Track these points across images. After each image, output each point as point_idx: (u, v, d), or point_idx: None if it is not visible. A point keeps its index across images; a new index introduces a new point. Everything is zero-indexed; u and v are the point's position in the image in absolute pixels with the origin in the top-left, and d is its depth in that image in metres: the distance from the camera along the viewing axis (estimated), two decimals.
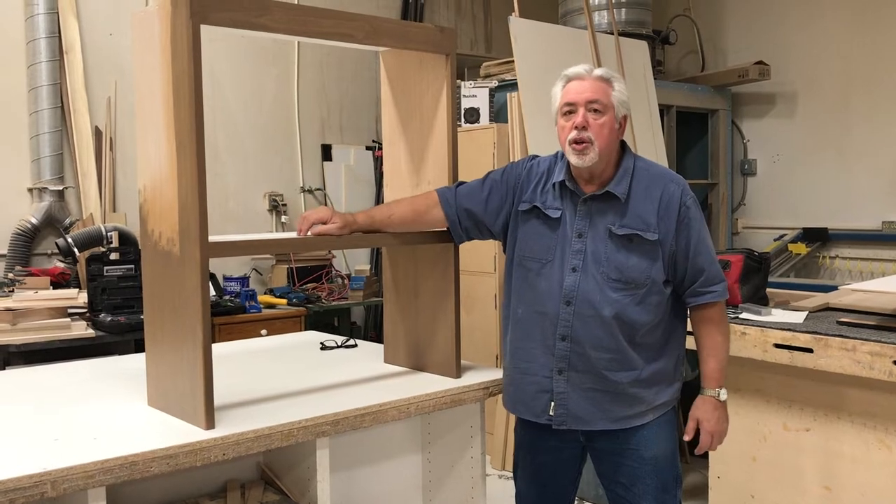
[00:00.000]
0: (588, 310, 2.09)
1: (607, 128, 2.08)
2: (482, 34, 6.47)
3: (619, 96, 2.11)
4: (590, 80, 2.10)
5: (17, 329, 3.49)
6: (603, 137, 2.07)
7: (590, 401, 2.12)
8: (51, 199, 4.34)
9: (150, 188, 2.04)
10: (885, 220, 5.25)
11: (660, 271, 2.10)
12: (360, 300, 5.03)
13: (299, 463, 2.10)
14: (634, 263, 2.09)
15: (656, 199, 2.11)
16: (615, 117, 2.10)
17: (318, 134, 5.55)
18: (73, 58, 4.43)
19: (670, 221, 2.10)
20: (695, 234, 2.12)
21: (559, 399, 2.14)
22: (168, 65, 1.90)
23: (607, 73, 2.13)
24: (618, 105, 2.11)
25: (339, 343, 2.84)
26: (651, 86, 4.92)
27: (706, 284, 2.13)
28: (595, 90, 2.09)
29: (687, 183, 2.19)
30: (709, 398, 2.17)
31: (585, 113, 2.08)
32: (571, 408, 2.13)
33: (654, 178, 2.15)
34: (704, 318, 2.17)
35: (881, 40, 5.27)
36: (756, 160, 5.98)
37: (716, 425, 2.17)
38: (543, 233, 2.18)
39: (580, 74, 2.12)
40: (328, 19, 2.09)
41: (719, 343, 2.17)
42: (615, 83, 2.12)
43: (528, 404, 2.21)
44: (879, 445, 2.65)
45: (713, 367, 2.17)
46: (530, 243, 2.20)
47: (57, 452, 1.68)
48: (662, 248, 2.10)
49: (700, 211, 2.16)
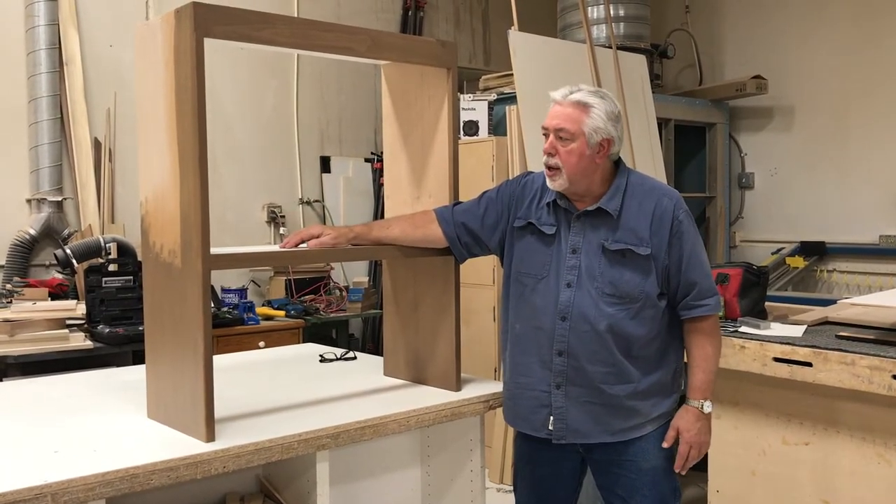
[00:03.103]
0: (583, 325, 2.11)
1: (575, 155, 2.08)
2: (481, 47, 6.50)
3: (594, 122, 2.06)
4: (563, 107, 2.09)
5: (15, 340, 3.48)
6: (570, 165, 2.08)
7: (588, 414, 2.13)
8: (49, 210, 4.33)
9: (151, 200, 2.04)
10: (882, 234, 5.27)
11: (653, 285, 2.11)
12: (359, 312, 5.02)
13: (299, 476, 2.09)
14: (628, 278, 2.10)
15: (649, 214, 2.11)
16: (587, 143, 2.07)
17: (316, 146, 5.56)
18: (74, 69, 4.44)
19: (663, 235, 2.10)
20: (687, 248, 2.12)
21: (557, 413, 2.15)
22: (171, 78, 1.91)
23: (586, 97, 2.08)
24: (590, 132, 2.06)
25: (339, 355, 2.83)
26: (649, 99, 4.95)
27: (698, 298, 2.13)
28: (564, 118, 2.08)
29: (681, 196, 2.18)
30: (692, 409, 2.16)
31: (554, 140, 2.10)
32: (570, 422, 2.14)
33: (648, 193, 2.15)
34: (696, 329, 2.17)
35: (878, 55, 5.30)
36: (753, 174, 6.00)
37: (696, 436, 2.15)
38: (538, 249, 2.19)
39: (557, 99, 2.11)
40: (330, 33, 2.10)
41: (709, 355, 2.17)
42: (593, 109, 2.07)
43: (528, 419, 2.22)
44: (878, 459, 2.65)
45: (700, 379, 2.16)
46: (525, 259, 2.21)
47: (57, 465, 1.67)
48: (655, 263, 2.10)
49: (694, 225, 2.16)
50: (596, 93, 2.12)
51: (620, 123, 2.13)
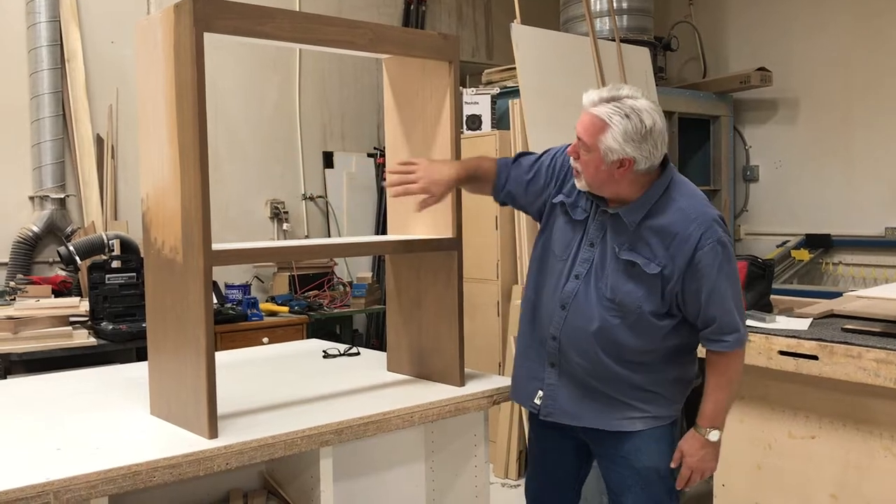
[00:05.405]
0: (577, 319, 2.11)
1: (591, 166, 2.02)
2: (483, 41, 6.48)
3: (607, 143, 1.96)
4: (587, 115, 2.01)
5: (19, 338, 3.48)
6: (588, 174, 2.05)
7: (576, 397, 2.15)
8: (52, 207, 4.33)
9: (152, 196, 2.03)
10: (888, 227, 5.25)
11: (655, 303, 2.05)
12: (362, 308, 5.01)
13: (302, 472, 2.09)
14: (629, 289, 2.05)
15: (671, 236, 2.02)
16: (602, 159, 1.99)
17: (319, 141, 5.55)
18: (75, 66, 4.43)
19: (680, 261, 2.01)
20: (708, 283, 2.00)
21: (548, 390, 2.18)
22: (171, 73, 1.89)
23: (608, 112, 1.96)
24: (605, 150, 1.97)
25: (342, 351, 2.83)
26: (653, 92, 4.92)
27: (718, 333, 2.06)
28: (584, 128, 2.01)
29: (718, 224, 2.03)
30: (698, 436, 2.13)
31: (577, 145, 2.05)
32: (560, 401, 2.17)
33: (679, 213, 2.03)
34: (714, 361, 2.11)
35: (883, 46, 5.27)
36: (758, 166, 5.98)
37: (698, 463, 2.13)
38: (566, 231, 2.19)
39: (584, 104, 2.04)
40: (332, 27, 2.09)
41: (722, 387, 2.11)
42: (611, 129, 1.95)
43: (521, 389, 2.28)
44: (885, 453, 2.64)
45: (709, 409, 2.12)
46: (554, 237, 2.22)
47: (59, 462, 1.67)
48: (664, 283, 2.03)
49: (724, 256, 2.01)
50: (619, 109, 1.96)
51: (651, 140, 1.97)
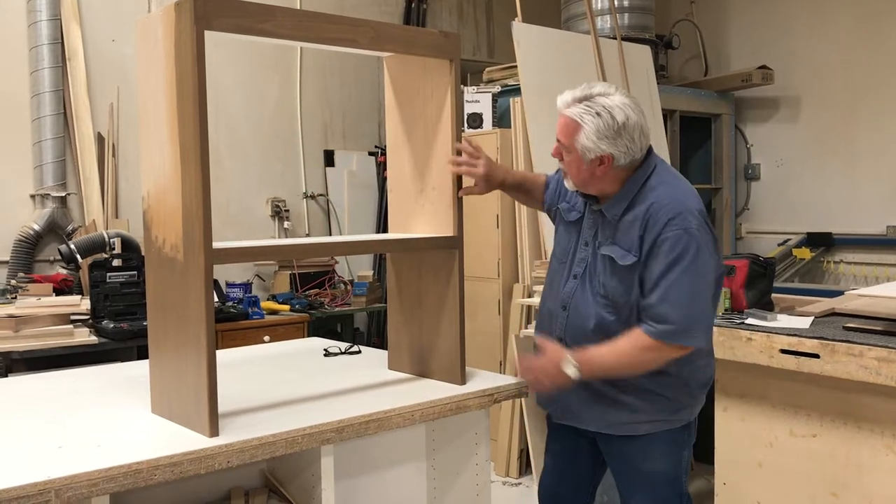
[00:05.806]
0: (577, 318, 2.15)
1: (574, 166, 2.08)
2: (484, 39, 6.47)
3: (583, 141, 2.00)
4: (561, 117, 2.05)
5: (20, 336, 3.48)
6: (573, 173, 2.10)
7: (582, 400, 2.18)
8: (53, 205, 4.33)
9: (153, 194, 2.03)
10: (889, 225, 5.24)
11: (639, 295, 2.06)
12: (363, 306, 5.01)
13: (303, 470, 2.09)
14: (615, 284, 2.09)
15: (644, 223, 2.03)
16: (581, 158, 2.02)
17: (320, 139, 5.55)
18: (76, 64, 4.43)
19: (647, 245, 2.03)
20: (659, 268, 2.00)
21: (560, 392, 2.19)
22: (172, 71, 1.89)
23: (579, 112, 2.00)
24: (581, 149, 2.01)
25: (343, 349, 2.83)
26: (654, 90, 4.92)
27: (647, 314, 2.02)
28: (560, 129, 2.06)
29: (689, 214, 2.00)
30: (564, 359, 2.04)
31: (558, 147, 2.10)
32: (567, 403, 2.21)
33: (651, 201, 2.04)
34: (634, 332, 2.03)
35: (884, 45, 5.26)
36: (760, 165, 5.97)
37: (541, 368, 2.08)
38: (565, 234, 2.26)
39: (558, 107, 2.07)
40: (333, 24, 2.08)
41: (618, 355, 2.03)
42: (583, 128, 1.99)
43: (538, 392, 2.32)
44: (887, 451, 2.63)
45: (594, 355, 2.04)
46: (556, 242, 2.30)
47: (61, 460, 1.67)
48: (639, 272, 2.05)
49: (688, 249, 1.98)
50: (590, 108, 1.99)
51: (627, 135, 2.00)
